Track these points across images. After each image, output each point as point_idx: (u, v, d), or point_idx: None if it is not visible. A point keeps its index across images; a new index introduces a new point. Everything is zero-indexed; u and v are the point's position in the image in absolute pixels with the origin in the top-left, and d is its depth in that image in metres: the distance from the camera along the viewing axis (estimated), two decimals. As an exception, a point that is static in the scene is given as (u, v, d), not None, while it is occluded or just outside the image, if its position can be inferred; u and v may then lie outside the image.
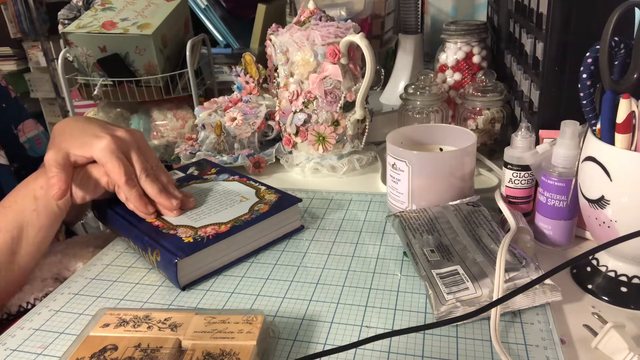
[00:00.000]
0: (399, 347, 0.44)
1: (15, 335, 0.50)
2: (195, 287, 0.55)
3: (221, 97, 0.96)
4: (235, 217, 0.60)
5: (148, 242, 0.57)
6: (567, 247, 0.58)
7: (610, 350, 0.42)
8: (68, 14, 1.68)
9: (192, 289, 0.55)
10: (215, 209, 0.62)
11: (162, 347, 0.42)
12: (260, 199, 0.64)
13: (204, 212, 0.61)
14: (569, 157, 0.54)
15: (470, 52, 0.87)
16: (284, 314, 0.50)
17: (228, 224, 0.58)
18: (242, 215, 0.60)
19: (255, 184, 0.68)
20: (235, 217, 0.60)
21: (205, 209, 0.62)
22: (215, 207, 0.63)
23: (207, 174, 0.72)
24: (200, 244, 0.55)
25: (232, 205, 0.63)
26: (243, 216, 0.60)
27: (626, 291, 0.49)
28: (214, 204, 0.63)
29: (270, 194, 0.65)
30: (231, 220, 0.59)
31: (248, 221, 0.59)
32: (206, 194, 0.66)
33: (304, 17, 0.80)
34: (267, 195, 0.65)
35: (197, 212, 0.62)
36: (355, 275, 0.55)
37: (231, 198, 0.65)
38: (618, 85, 0.45)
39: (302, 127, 0.79)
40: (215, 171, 0.73)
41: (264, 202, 0.63)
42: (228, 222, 0.59)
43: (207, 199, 0.65)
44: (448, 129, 0.70)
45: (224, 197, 0.65)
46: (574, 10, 0.59)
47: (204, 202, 0.64)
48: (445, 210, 0.60)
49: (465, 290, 0.48)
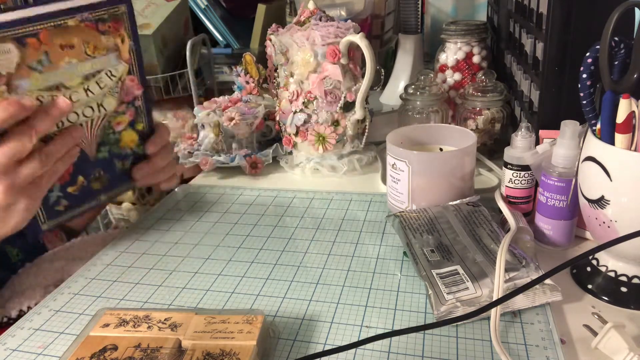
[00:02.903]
0: (399, 347, 0.44)
1: (15, 335, 0.50)
2: (195, 287, 0.55)
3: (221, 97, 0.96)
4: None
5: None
6: (567, 247, 0.58)
7: (610, 350, 0.42)
8: (68, 14, 1.68)
9: (192, 288, 0.55)
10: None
11: (162, 347, 0.42)
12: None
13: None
14: (569, 157, 0.54)
15: (470, 52, 0.87)
16: (284, 314, 0.50)
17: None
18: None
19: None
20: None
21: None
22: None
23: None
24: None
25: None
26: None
27: (626, 291, 0.49)
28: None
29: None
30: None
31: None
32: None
33: (304, 17, 0.80)
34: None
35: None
36: (355, 275, 0.55)
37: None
38: (618, 85, 0.45)
39: (302, 127, 0.79)
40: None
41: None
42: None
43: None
44: (448, 129, 0.70)
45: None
46: (574, 10, 0.59)
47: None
48: (445, 210, 0.60)
49: (465, 290, 0.48)
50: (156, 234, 0.67)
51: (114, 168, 0.63)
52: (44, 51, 0.52)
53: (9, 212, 0.52)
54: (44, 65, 0.53)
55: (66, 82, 0.55)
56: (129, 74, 0.61)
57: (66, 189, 0.59)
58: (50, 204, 0.59)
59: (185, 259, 0.61)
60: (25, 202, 0.52)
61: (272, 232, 0.66)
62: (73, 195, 0.60)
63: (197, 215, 0.71)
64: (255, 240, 0.64)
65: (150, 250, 0.64)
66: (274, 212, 0.71)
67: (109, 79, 0.59)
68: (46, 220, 0.59)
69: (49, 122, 0.52)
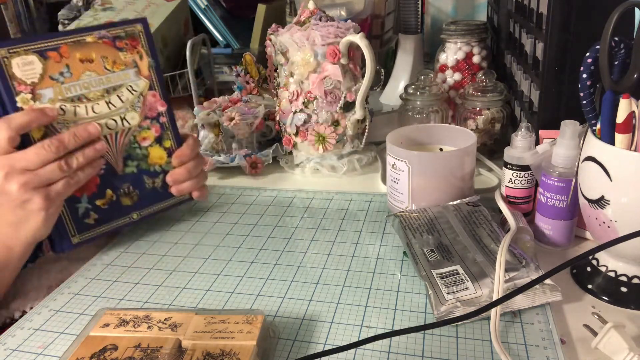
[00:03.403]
0: (399, 347, 0.44)
1: (15, 335, 0.50)
2: (195, 287, 0.55)
3: (221, 97, 0.96)
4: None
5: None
6: (567, 247, 0.58)
7: (610, 350, 0.42)
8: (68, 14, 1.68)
9: (192, 288, 0.55)
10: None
11: (162, 347, 0.42)
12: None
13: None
14: (569, 157, 0.54)
15: (470, 52, 0.87)
16: (284, 314, 0.50)
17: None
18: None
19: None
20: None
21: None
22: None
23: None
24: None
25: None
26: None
27: (626, 291, 0.49)
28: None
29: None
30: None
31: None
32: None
33: (304, 17, 0.80)
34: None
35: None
36: (355, 275, 0.55)
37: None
38: (618, 85, 0.45)
39: (302, 127, 0.79)
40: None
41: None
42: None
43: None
44: (448, 129, 0.70)
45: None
46: (574, 10, 0.59)
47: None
48: (445, 210, 0.60)
49: (465, 290, 0.48)
50: (156, 234, 0.67)
51: (143, 184, 0.65)
52: (65, 64, 0.57)
53: (26, 211, 0.53)
54: (65, 77, 0.58)
55: (87, 94, 0.59)
56: (150, 89, 0.63)
57: (94, 201, 0.61)
58: (79, 216, 0.60)
59: (185, 259, 0.61)
60: (40, 201, 0.53)
61: (272, 232, 0.66)
62: (102, 209, 0.62)
63: (197, 215, 0.71)
64: (255, 240, 0.64)
65: (150, 250, 0.64)
66: (274, 212, 0.71)
67: (130, 94, 0.62)
68: (76, 234, 0.60)
69: (78, 141, 0.56)
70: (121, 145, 0.62)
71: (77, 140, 0.56)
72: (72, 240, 0.60)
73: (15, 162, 0.52)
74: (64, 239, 0.59)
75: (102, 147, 0.59)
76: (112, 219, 0.63)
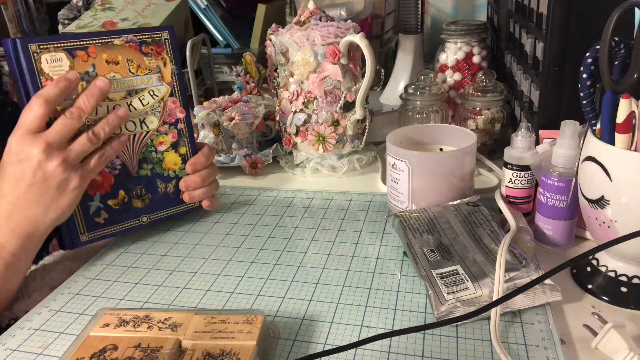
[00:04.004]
0: (399, 347, 0.44)
1: (15, 335, 0.50)
2: (195, 287, 0.55)
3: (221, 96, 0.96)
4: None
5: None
6: (567, 247, 0.58)
7: (610, 350, 0.42)
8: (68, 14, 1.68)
9: (192, 288, 0.55)
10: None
11: (162, 347, 0.42)
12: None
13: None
14: (569, 157, 0.54)
15: (470, 52, 0.87)
16: (284, 314, 0.50)
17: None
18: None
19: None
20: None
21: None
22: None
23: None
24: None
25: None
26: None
27: (626, 291, 0.49)
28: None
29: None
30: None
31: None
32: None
33: (304, 17, 0.80)
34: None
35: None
36: (355, 275, 0.55)
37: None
38: (618, 85, 0.45)
39: (302, 127, 0.79)
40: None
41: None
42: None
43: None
44: (448, 129, 0.70)
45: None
46: (574, 10, 0.59)
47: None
48: (445, 210, 0.60)
49: (465, 290, 0.48)
50: (156, 234, 0.67)
51: (156, 188, 0.65)
52: (91, 63, 0.59)
53: (61, 191, 0.54)
54: (91, 75, 0.59)
55: (110, 95, 0.60)
56: (170, 96, 0.64)
57: (106, 200, 0.62)
58: (90, 214, 0.61)
59: (185, 259, 0.61)
60: (77, 180, 0.55)
61: (272, 232, 0.66)
62: (113, 209, 0.62)
63: (196, 215, 0.71)
64: (255, 240, 0.64)
65: (150, 250, 0.64)
66: (274, 212, 0.71)
67: (151, 98, 0.63)
68: (85, 232, 0.61)
69: (92, 100, 0.56)
70: (138, 147, 0.63)
71: (91, 99, 0.56)
72: (81, 238, 0.61)
73: (50, 138, 0.53)
74: (73, 235, 0.60)
75: (124, 113, 0.59)
76: (122, 220, 0.63)
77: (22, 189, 0.53)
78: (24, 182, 0.53)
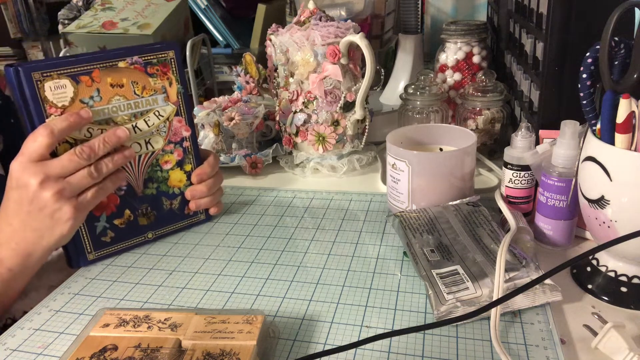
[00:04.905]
0: (399, 347, 0.44)
1: (15, 335, 0.50)
2: (195, 287, 0.55)
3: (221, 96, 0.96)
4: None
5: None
6: (567, 247, 0.58)
7: (610, 350, 0.42)
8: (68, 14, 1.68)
9: (192, 288, 0.55)
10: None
11: (162, 347, 0.42)
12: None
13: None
14: (569, 157, 0.54)
15: (470, 52, 0.87)
16: (284, 314, 0.50)
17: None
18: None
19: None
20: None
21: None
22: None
23: None
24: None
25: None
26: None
27: (626, 291, 0.49)
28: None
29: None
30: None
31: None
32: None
33: (304, 17, 0.80)
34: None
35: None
36: (355, 275, 0.55)
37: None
38: (618, 85, 0.45)
39: (302, 127, 0.79)
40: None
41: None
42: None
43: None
44: (448, 129, 0.70)
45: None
46: (574, 10, 0.59)
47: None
48: (445, 210, 0.60)
49: (465, 290, 0.48)
50: (156, 234, 0.67)
51: (161, 206, 0.65)
52: (95, 88, 0.58)
53: (54, 220, 0.54)
54: (95, 100, 0.58)
55: (115, 118, 0.59)
56: (176, 115, 0.64)
57: (112, 220, 0.62)
58: (96, 234, 0.61)
59: (185, 259, 0.61)
60: (70, 211, 0.54)
61: (272, 232, 0.66)
62: (119, 228, 0.62)
63: (197, 215, 0.71)
64: (255, 240, 0.64)
65: (150, 250, 0.64)
66: (274, 212, 0.71)
67: (157, 119, 0.62)
68: (93, 250, 0.61)
69: (108, 147, 0.56)
70: (143, 168, 0.63)
71: (107, 145, 0.56)
72: (88, 257, 0.61)
73: (50, 170, 0.53)
74: (80, 255, 0.60)
75: (131, 154, 0.59)
76: (128, 238, 0.63)
77: (21, 214, 0.53)
78: (22, 207, 0.53)
